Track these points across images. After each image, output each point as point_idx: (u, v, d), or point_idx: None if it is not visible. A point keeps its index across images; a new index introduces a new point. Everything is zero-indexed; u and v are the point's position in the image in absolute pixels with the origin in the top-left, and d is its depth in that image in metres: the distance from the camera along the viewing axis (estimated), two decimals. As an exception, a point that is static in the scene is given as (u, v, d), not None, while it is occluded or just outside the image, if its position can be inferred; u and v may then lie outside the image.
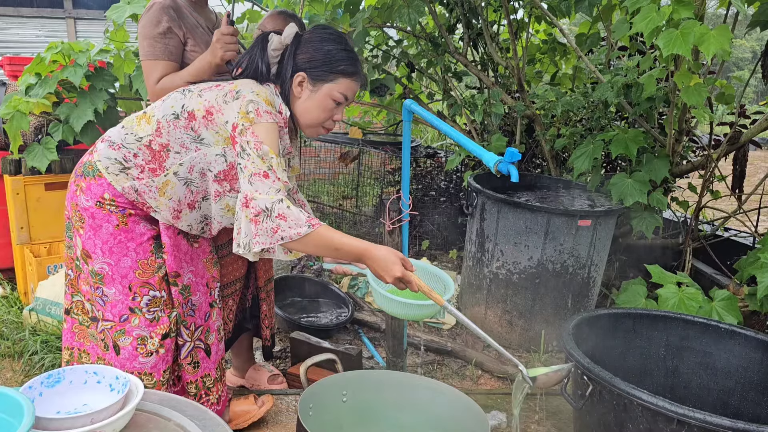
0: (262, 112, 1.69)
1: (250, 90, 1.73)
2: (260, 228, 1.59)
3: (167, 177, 1.80)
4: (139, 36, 2.25)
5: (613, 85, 3.12)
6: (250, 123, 1.67)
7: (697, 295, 2.62)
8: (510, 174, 1.88)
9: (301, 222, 1.59)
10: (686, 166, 3.53)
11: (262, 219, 1.59)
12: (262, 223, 1.59)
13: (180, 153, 1.79)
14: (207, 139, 1.77)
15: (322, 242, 1.62)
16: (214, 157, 1.79)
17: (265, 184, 1.62)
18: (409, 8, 3.45)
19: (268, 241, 1.59)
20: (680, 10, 2.46)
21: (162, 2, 2.22)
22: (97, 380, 1.26)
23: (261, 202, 1.60)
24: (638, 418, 1.66)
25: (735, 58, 20.44)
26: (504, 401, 2.66)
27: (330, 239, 1.62)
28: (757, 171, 7.87)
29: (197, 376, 2.00)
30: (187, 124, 1.77)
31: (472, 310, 3.39)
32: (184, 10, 2.28)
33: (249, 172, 1.64)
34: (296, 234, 1.58)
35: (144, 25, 2.23)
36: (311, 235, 1.59)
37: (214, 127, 1.75)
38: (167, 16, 2.20)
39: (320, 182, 6.21)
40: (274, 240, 1.59)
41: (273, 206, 1.59)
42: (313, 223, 1.60)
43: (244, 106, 1.69)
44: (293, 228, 1.58)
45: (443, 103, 4.40)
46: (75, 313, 1.96)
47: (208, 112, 1.75)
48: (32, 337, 2.96)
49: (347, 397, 1.88)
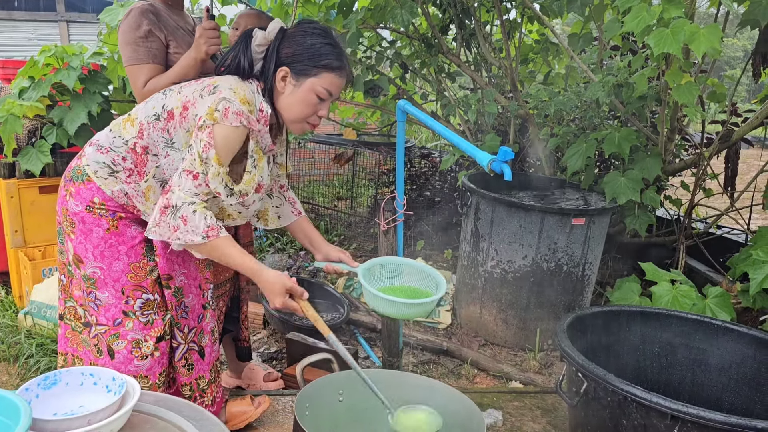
0: (231, 113, 1.67)
1: (227, 87, 1.72)
2: (163, 220, 1.68)
3: (148, 182, 1.81)
4: (121, 43, 2.24)
5: (604, 84, 3.14)
6: (213, 122, 1.67)
7: (690, 293, 2.64)
8: (503, 173, 1.89)
9: (198, 230, 1.65)
10: (679, 165, 3.55)
11: (169, 213, 1.67)
12: (167, 217, 1.67)
13: (157, 156, 1.80)
14: (177, 143, 1.77)
15: (216, 254, 1.71)
16: (180, 162, 1.78)
17: (189, 184, 1.68)
18: (402, 9, 3.46)
19: (167, 234, 1.69)
20: (670, 9, 2.48)
21: (140, 7, 2.22)
22: (93, 382, 1.27)
23: (175, 197, 1.67)
24: (633, 414, 1.67)
25: (727, 57, 20.53)
26: (500, 400, 2.67)
27: (223, 254, 1.72)
28: (749, 169, 7.91)
29: (191, 378, 1.99)
30: (164, 126, 1.77)
31: (468, 310, 3.40)
32: (163, 13, 2.27)
33: (185, 165, 1.69)
34: (191, 240, 1.67)
35: (124, 30, 2.21)
36: (206, 245, 1.68)
37: (185, 125, 1.75)
38: (147, 19, 2.20)
39: (315, 183, 6.22)
40: (173, 237, 1.68)
41: (181, 206, 1.66)
42: (209, 234, 1.66)
43: (216, 103, 1.68)
44: (188, 234, 1.66)
45: (437, 104, 4.41)
46: (68, 319, 1.95)
47: (185, 107, 1.75)
48: (27, 340, 2.95)
49: (343, 396, 1.88)
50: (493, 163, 1.91)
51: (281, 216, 2.11)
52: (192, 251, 1.74)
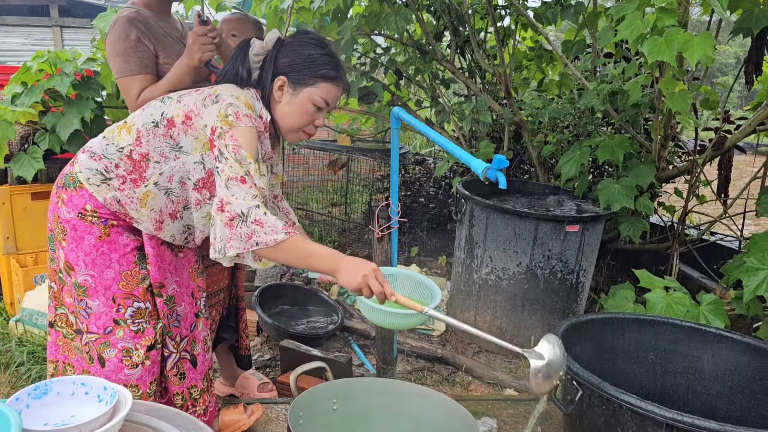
0: (242, 115, 1.68)
1: (229, 94, 1.73)
2: (234, 233, 1.60)
3: (147, 188, 1.79)
4: (109, 54, 2.16)
5: (599, 92, 3.15)
6: (229, 126, 1.66)
7: (684, 299, 2.64)
8: (498, 181, 1.89)
9: (277, 229, 1.60)
10: (672, 171, 3.56)
11: (237, 224, 1.60)
12: (237, 228, 1.60)
13: (159, 162, 1.78)
14: (185, 147, 1.76)
15: (297, 249, 1.63)
16: (192, 165, 1.78)
17: (242, 189, 1.63)
18: (397, 16, 3.47)
19: (242, 245, 1.60)
20: (664, 18, 2.49)
21: (126, 15, 2.15)
22: (84, 391, 1.25)
23: (236, 206, 1.61)
24: (627, 422, 1.67)
25: (719, 64, 20.68)
26: (494, 407, 2.66)
27: (305, 246, 1.64)
28: (742, 175, 7.95)
29: (183, 387, 1.98)
30: (166, 132, 1.76)
31: (462, 317, 3.39)
32: (150, 21, 2.20)
33: (226, 176, 1.64)
34: (272, 240, 1.59)
35: (112, 42, 2.14)
36: (287, 242, 1.60)
37: (193, 133, 1.74)
38: (135, 28, 2.13)
39: (309, 189, 6.22)
40: (249, 245, 1.60)
41: (249, 211, 1.60)
42: (289, 231, 1.61)
43: (224, 109, 1.68)
44: (269, 234, 1.59)
45: (431, 110, 4.42)
46: (59, 326, 1.93)
47: (187, 117, 1.74)
48: (18, 348, 2.93)
49: (337, 405, 1.87)
50: (488, 171, 1.91)
51: None
52: (268, 258, 1.65)
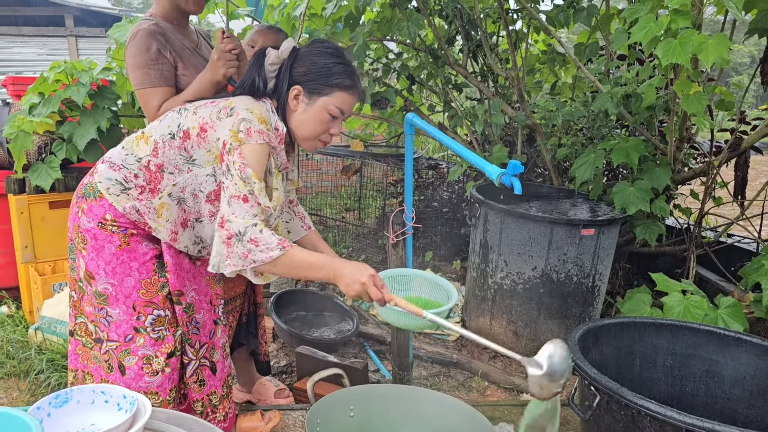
0: (253, 132, 1.69)
1: (244, 107, 1.74)
2: (231, 251, 1.64)
3: (162, 199, 1.81)
4: (129, 66, 2.18)
5: (612, 95, 3.13)
6: (239, 143, 1.68)
7: (702, 303, 2.61)
8: (513, 186, 1.89)
9: (272, 246, 1.62)
10: (688, 173, 3.53)
11: (234, 242, 1.64)
12: (234, 247, 1.64)
13: (174, 174, 1.79)
14: (198, 160, 1.78)
15: (294, 262, 1.66)
16: (204, 178, 1.79)
17: (243, 208, 1.65)
18: (409, 21, 3.47)
19: (240, 263, 1.65)
20: (678, 20, 2.47)
21: (147, 28, 2.16)
22: (104, 400, 1.27)
23: (235, 225, 1.64)
24: (646, 428, 1.65)
25: (734, 63, 20.48)
26: (511, 413, 2.65)
27: (301, 258, 1.66)
28: (759, 176, 7.86)
29: (203, 394, 1.99)
30: (180, 144, 1.77)
31: (478, 322, 3.38)
32: (169, 33, 2.22)
33: (230, 193, 1.67)
34: (268, 257, 1.63)
35: (133, 54, 2.16)
36: (283, 257, 1.63)
37: (206, 145, 1.75)
38: (155, 41, 2.15)
39: (323, 195, 6.23)
40: (246, 263, 1.64)
41: (246, 230, 1.63)
42: (285, 245, 1.63)
43: (236, 124, 1.69)
44: (264, 252, 1.62)
45: (444, 115, 4.42)
46: (78, 335, 1.96)
47: (202, 129, 1.75)
48: (38, 356, 2.96)
49: (354, 411, 1.88)
50: (503, 176, 1.91)
51: (291, 231, 2.12)
52: (268, 272, 1.70)
